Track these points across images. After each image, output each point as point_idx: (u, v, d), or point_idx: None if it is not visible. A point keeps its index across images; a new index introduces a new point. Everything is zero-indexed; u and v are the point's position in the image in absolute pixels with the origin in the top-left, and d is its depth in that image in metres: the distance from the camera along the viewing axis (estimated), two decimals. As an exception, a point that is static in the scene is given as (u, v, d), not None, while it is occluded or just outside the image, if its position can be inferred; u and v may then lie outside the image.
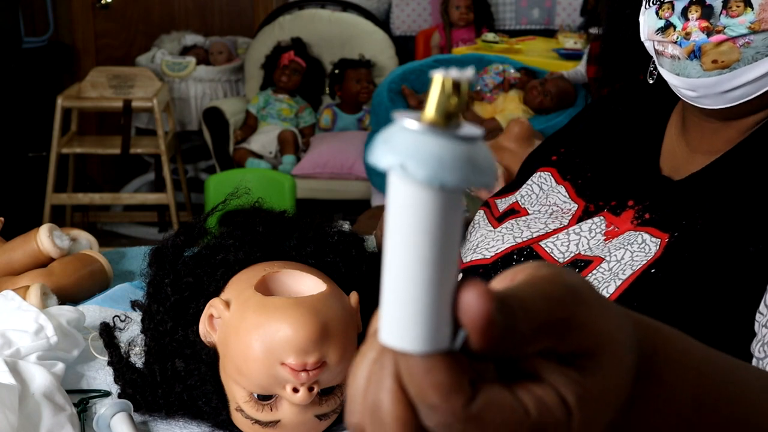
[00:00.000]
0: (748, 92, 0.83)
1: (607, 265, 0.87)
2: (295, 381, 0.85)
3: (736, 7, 0.79)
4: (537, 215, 1.01)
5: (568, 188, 1.01)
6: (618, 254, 0.87)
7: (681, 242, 0.83)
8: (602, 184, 0.98)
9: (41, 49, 4.90)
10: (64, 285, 1.24)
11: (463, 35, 4.79)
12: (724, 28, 0.81)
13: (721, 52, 0.82)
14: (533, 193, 1.04)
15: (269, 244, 0.98)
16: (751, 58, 0.80)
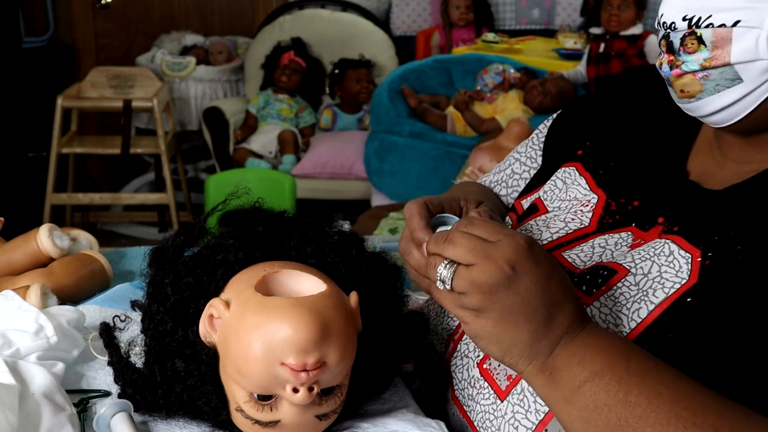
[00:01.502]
0: (730, 116, 0.86)
1: (634, 279, 0.87)
2: (295, 381, 0.85)
3: (691, 45, 0.85)
4: (556, 212, 1.01)
5: (589, 179, 1.01)
6: (644, 267, 0.87)
7: (718, 267, 0.82)
8: (624, 177, 0.98)
9: (41, 49, 4.90)
10: (64, 285, 1.24)
11: (463, 35, 4.80)
12: (682, 63, 0.86)
13: (684, 83, 0.87)
14: (556, 188, 1.04)
15: (269, 244, 0.98)
16: (713, 89, 0.85)
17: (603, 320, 0.86)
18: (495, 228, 0.81)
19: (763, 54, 0.81)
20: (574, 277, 0.92)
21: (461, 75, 4.21)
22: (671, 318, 0.82)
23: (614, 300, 0.87)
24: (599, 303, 0.87)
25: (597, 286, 0.89)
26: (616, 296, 0.87)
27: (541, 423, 0.87)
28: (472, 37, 4.76)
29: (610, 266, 0.90)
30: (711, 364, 0.80)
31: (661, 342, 0.82)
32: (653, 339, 0.82)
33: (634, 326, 0.84)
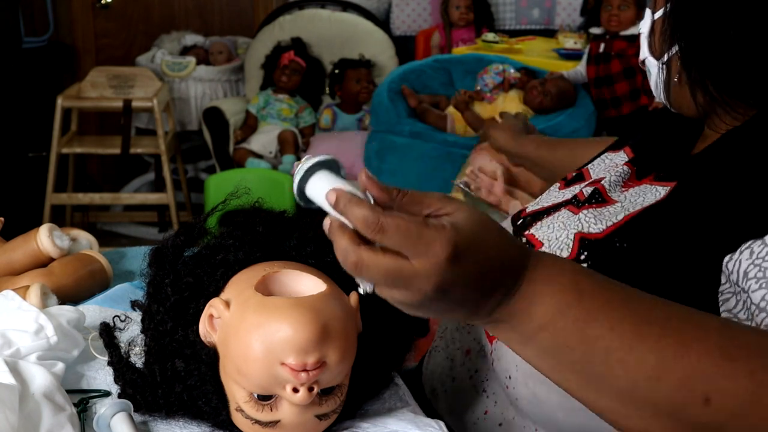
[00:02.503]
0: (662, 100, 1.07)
1: (620, 205, 1.03)
2: (295, 381, 0.85)
3: None
4: (597, 177, 1.14)
5: (628, 153, 1.16)
6: (629, 195, 1.04)
7: (684, 190, 0.97)
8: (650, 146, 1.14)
9: (41, 49, 4.90)
10: (64, 285, 1.24)
11: (463, 35, 4.79)
12: None
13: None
14: (603, 163, 1.19)
15: (269, 244, 0.98)
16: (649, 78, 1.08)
17: (586, 222, 1.02)
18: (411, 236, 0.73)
19: (647, 53, 1.07)
20: (578, 201, 1.08)
21: (461, 75, 4.21)
22: (640, 220, 0.96)
23: (599, 212, 1.02)
24: (586, 212, 1.03)
25: (588, 203, 1.05)
26: (601, 212, 1.02)
27: None
28: (472, 37, 4.76)
29: (604, 195, 1.06)
30: (665, 256, 0.92)
31: (628, 235, 0.95)
32: (622, 234, 0.96)
33: (609, 225, 0.98)
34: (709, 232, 0.90)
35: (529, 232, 1.08)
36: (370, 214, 0.73)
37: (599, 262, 0.96)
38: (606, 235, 0.98)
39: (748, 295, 0.84)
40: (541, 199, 1.19)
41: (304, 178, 0.78)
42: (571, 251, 0.99)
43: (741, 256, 0.85)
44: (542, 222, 1.09)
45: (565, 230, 1.03)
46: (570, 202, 1.10)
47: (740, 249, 0.86)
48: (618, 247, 0.95)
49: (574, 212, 1.06)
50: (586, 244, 0.98)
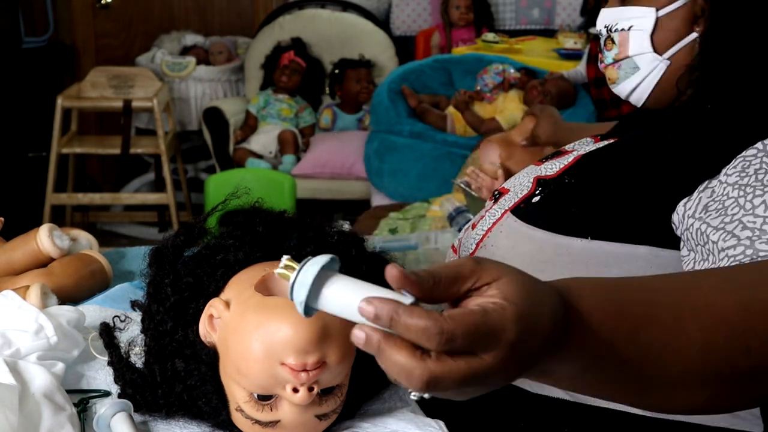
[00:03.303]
0: (640, 96, 1.20)
1: (576, 153, 1.20)
2: (295, 381, 0.85)
3: (609, 44, 1.21)
4: None
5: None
6: (585, 146, 1.23)
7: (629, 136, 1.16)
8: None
9: (41, 49, 4.89)
10: (64, 285, 1.24)
11: (463, 35, 4.79)
12: (605, 58, 1.23)
13: (609, 72, 1.22)
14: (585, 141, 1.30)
15: (269, 244, 0.98)
16: (624, 76, 1.20)
17: (545, 168, 1.20)
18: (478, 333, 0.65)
19: (648, 48, 1.16)
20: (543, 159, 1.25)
21: (461, 75, 4.20)
22: (587, 159, 1.15)
23: (557, 160, 1.20)
24: (546, 163, 1.21)
25: (550, 158, 1.23)
26: (559, 159, 1.20)
27: (488, 229, 1.20)
28: (472, 37, 4.76)
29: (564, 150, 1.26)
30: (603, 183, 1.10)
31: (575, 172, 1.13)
32: (571, 171, 1.14)
33: (562, 166, 1.17)
34: (657, 169, 1.06)
35: (504, 186, 1.26)
36: (429, 323, 0.64)
37: (551, 197, 1.14)
38: (558, 175, 1.16)
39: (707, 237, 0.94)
40: None
41: (312, 292, 0.66)
42: (530, 189, 1.18)
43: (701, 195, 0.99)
44: (512, 178, 1.27)
45: (527, 176, 1.21)
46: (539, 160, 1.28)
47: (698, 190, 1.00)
48: (567, 183, 1.13)
49: (537, 165, 1.24)
50: (541, 182, 1.17)
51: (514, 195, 1.20)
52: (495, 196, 1.27)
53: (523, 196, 1.18)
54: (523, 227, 1.14)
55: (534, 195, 1.16)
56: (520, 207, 1.16)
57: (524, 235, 1.13)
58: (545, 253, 1.11)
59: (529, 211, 1.14)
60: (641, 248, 1.07)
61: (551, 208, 1.13)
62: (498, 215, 1.20)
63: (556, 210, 1.12)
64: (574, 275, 0.79)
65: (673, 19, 1.15)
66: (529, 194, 1.17)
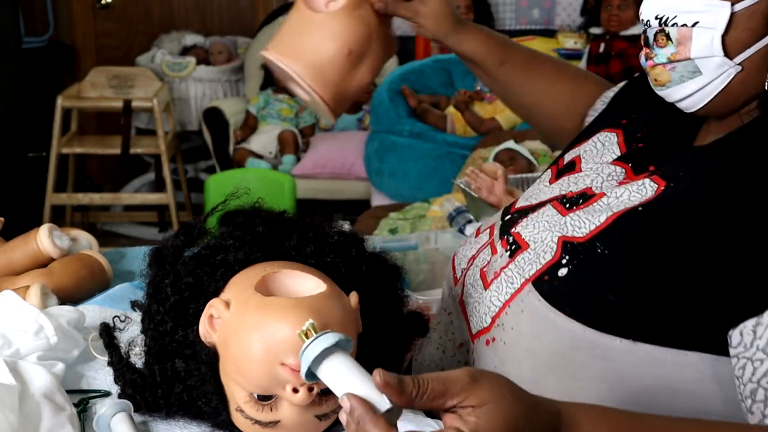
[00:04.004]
0: (695, 103, 0.99)
1: (606, 200, 1.00)
2: (295, 381, 0.85)
3: (661, 40, 0.99)
4: (588, 173, 1.08)
5: (621, 146, 1.09)
6: (618, 191, 1.00)
7: (671, 193, 0.94)
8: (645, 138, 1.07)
9: (41, 49, 4.89)
10: (64, 285, 1.24)
11: (463, 35, 4.78)
12: (655, 55, 1.00)
13: (657, 73, 1.00)
14: (595, 149, 1.11)
15: (269, 244, 0.98)
16: (679, 80, 0.98)
17: (571, 225, 0.99)
18: None
19: (717, 51, 0.94)
20: (565, 198, 1.04)
21: (461, 75, 4.20)
22: (623, 222, 0.94)
23: (585, 212, 0.99)
24: (573, 214, 1.00)
25: (577, 204, 1.02)
26: (588, 211, 0.99)
27: (506, 302, 0.99)
28: (472, 37, 4.75)
29: (593, 193, 1.02)
30: (647, 261, 0.90)
31: (609, 239, 0.94)
32: (604, 237, 0.94)
33: (592, 228, 0.96)
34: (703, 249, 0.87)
35: (516, 230, 1.05)
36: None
37: (581, 267, 0.94)
38: (588, 239, 0.96)
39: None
40: (531, 194, 1.14)
41: (315, 362, 0.74)
42: (554, 254, 0.97)
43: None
44: (528, 219, 1.06)
45: (550, 231, 1.00)
46: (558, 199, 1.06)
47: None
48: (600, 253, 0.93)
49: (561, 213, 1.03)
50: (568, 248, 0.97)
51: (535, 257, 0.99)
52: (510, 247, 1.04)
53: (546, 263, 0.97)
54: (549, 311, 0.94)
55: (560, 264, 0.95)
56: (544, 280, 0.96)
57: (551, 322, 0.94)
58: (578, 352, 0.92)
59: (556, 289, 0.95)
60: (695, 356, 0.89)
61: (582, 289, 0.93)
62: (517, 284, 0.99)
63: (589, 293, 0.93)
64: (612, 385, 0.79)
65: (753, 15, 0.93)
66: (553, 261, 0.96)
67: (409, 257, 2.02)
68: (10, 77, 4.44)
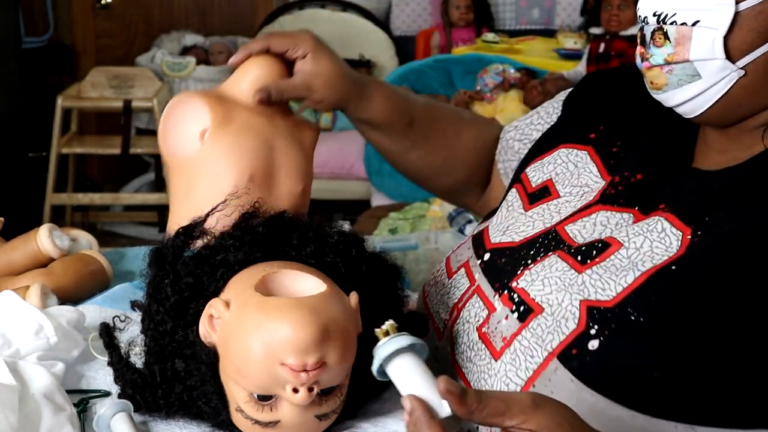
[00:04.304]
0: (693, 108, 0.91)
1: (626, 252, 0.89)
2: (295, 381, 0.85)
3: (659, 39, 0.90)
4: (567, 198, 1.01)
5: (600, 167, 1.02)
6: (637, 241, 0.89)
7: (705, 243, 0.85)
8: (632, 159, 1.00)
9: (41, 49, 4.89)
10: (64, 285, 1.24)
11: (463, 35, 4.79)
12: (651, 56, 0.91)
13: (653, 75, 0.92)
14: (567, 171, 1.04)
15: (269, 244, 0.98)
16: (677, 83, 0.90)
17: (592, 285, 0.88)
18: None
19: (719, 54, 0.86)
20: (571, 249, 0.94)
21: (461, 75, 4.20)
22: (655, 283, 0.85)
23: (605, 269, 0.89)
24: (591, 271, 0.90)
25: (591, 258, 0.91)
26: (608, 266, 0.89)
27: (529, 379, 0.88)
28: (472, 37, 4.76)
29: (606, 240, 0.92)
30: (690, 329, 0.82)
31: (644, 304, 0.84)
32: (637, 302, 0.85)
33: (620, 290, 0.86)
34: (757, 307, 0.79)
35: (518, 285, 0.94)
36: None
37: (614, 338, 0.84)
38: (617, 304, 0.85)
39: None
40: (507, 225, 1.04)
41: (387, 359, 0.74)
42: (578, 323, 0.86)
43: None
44: (532, 273, 0.94)
45: (567, 293, 0.89)
46: (562, 247, 0.95)
47: None
48: (634, 320, 0.83)
49: (576, 269, 0.91)
50: (595, 315, 0.86)
51: (554, 325, 0.88)
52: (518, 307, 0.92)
53: (571, 333, 0.86)
54: (585, 392, 0.83)
55: (588, 335, 0.85)
56: (572, 354, 0.85)
57: (589, 406, 0.82)
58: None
59: (588, 366, 0.84)
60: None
61: (621, 365, 0.82)
62: (539, 358, 0.87)
63: (629, 369, 0.82)
64: None
65: (759, 16, 0.85)
66: (579, 331, 0.85)
67: (409, 257, 2.02)
68: (10, 77, 4.43)
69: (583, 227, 0.96)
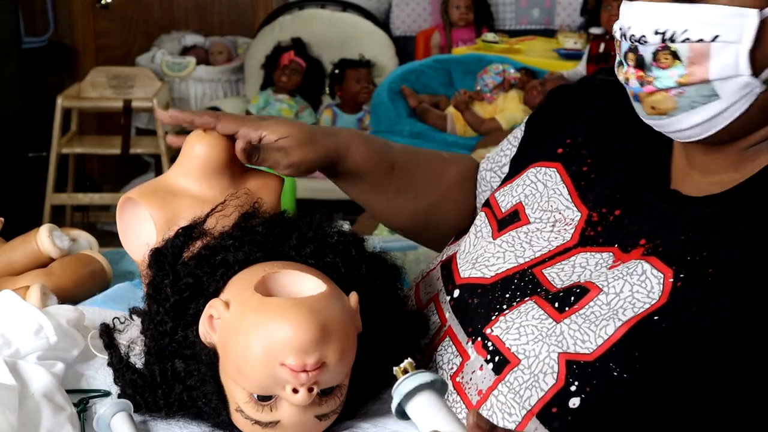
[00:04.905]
0: (702, 131, 0.83)
1: (606, 297, 0.84)
2: (295, 382, 0.85)
3: (665, 60, 0.81)
4: (538, 225, 0.97)
5: (570, 189, 0.98)
6: (617, 285, 0.84)
7: (688, 289, 0.80)
8: (606, 187, 0.95)
9: (41, 49, 4.89)
10: (64, 285, 1.24)
11: (463, 35, 4.79)
12: (654, 79, 0.82)
13: (656, 100, 0.83)
14: (537, 192, 1.00)
15: (269, 244, 0.98)
16: (688, 106, 0.81)
17: (571, 336, 0.83)
18: None
19: (744, 69, 0.78)
20: (549, 294, 0.90)
21: (461, 75, 4.20)
22: (638, 336, 0.80)
23: (584, 318, 0.84)
24: (570, 321, 0.85)
25: (569, 305, 0.87)
26: (587, 315, 0.84)
27: None
28: (472, 37, 4.76)
29: (585, 285, 0.87)
30: (677, 384, 0.78)
31: (627, 359, 0.80)
32: (619, 356, 0.80)
33: (600, 342, 0.81)
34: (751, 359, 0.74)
35: (492, 332, 0.89)
36: None
37: (596, 396, 0.79)
38: (598, 358, 0.80)
39: None
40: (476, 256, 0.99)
41: (406, 397, 0.72)
42: (557, 378, 0.81)
43: None
44: (505, 318, 0.89)
45: (545, 344, 0.84)
46: (539, 291, 0.90)
47: None
48: (617, 376, 0.78)
49: (553, 318, 0.86)
50: (575, 370, 0.81)
51: (532, 380, 0.83)
52: (492, 357, 0.87)
53: (550, 390, 0.81)
54: None
55: (568, 392, 0.80)
56: (552, 413, 0.80)
57: None
58: None
59: (572, 426, 0.79)
60: None
61: (605, 427, 0.78)
62: (517, 416, 0.83)
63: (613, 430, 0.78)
64: None
65: None
66: (559, 387, 0.81)
67: (409, 257, 2.02)
68: (10, 77, 4.44)
69: (562, 270, 0.91)
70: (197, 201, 1.02)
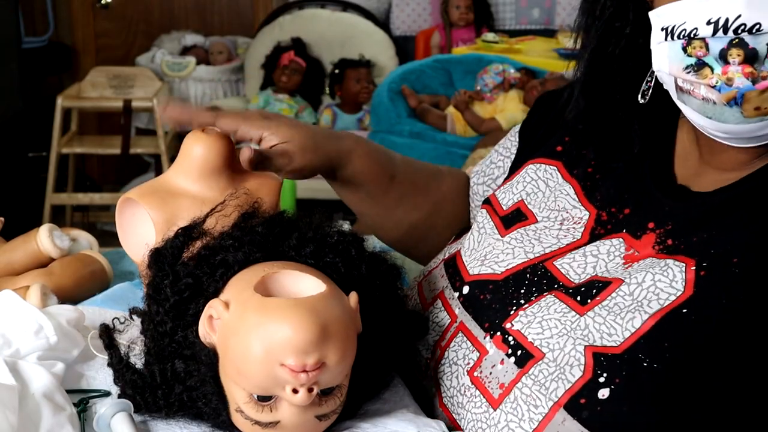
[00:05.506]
0: None
1: (628, 288, 0.84)
2: (295, 382, 0.85)
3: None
4: (546, 223, 0.96)
5: (576, 189, 0.98)
6: (639, 276, 0.84)
7: (714, 280, 0.80)
8: (613, 188, 0.96)
9: (41, 49, 4.90)
10: (64, 285, 1.24)
11: (463, 35, 4.80)
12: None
13: (766, 98, 0.76)
14: (539, 191, 1.00)
15: (268, 244, 0.98)
16: None
17: (597, 330, 0.83)
18: None
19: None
20: (569, 289, 0.89)
21: (461, 75, 4.21)
22: (666, 328, 0.80)
23: (608, 310, 0.84)
24: (593, 313, 0.85)
25: (591, 297, 0.87)
26: (611, 306, 0.84)
27: (535, 431, 0.83)
28: (472, 37, 4.76)
29: (605, 280, 0.87)
30: (707, 374, 0.78)
31: (656, 351, 0.80)
32: (648, 348, 0.80)
33: (628, 335, 0.81)
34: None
35: (512, 327, 0.88)
36: None
37: (626, 386, 0.78)
38: (626, 349, 0.79)
39: None
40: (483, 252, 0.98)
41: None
42: (584, 370, 0.80)
43: None
44: (525, 312, 0.89)
45: (570, 338, 0.83)
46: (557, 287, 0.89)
47: None
48: (647, 367, 0.78)
49: (576, 311, 0.86)
50: (603, 362, 0.80)
51: (558, 372, 0.82)
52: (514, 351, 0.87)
53: (577, 382, 0.80)
54: None
55: (597, 383, 0.79)
56: (580, 404, 0.79)
57: None
58: None
59: (600, 416, 0.78)
60: None
61: (636, 416, 0.77)
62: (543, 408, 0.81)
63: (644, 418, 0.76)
64: None
65: None
66: (586, 379, 0.80)
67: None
68: (10, 77, 4.44)
69: (573, 260, 0.91)
70: (196, 201, 1.02)
